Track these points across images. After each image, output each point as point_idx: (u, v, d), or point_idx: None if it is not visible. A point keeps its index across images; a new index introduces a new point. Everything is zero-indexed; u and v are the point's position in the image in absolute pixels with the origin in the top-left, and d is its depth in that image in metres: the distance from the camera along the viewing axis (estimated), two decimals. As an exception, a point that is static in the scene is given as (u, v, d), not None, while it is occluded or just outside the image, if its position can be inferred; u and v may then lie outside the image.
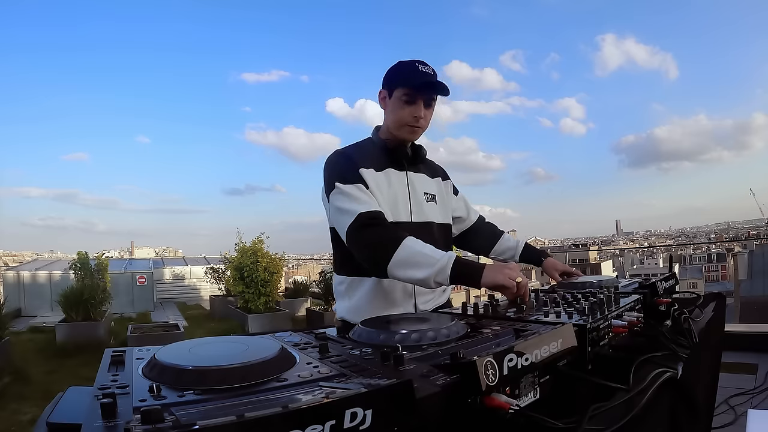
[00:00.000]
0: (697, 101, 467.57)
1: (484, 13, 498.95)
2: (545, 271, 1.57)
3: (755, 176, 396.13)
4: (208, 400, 0.43)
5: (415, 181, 1.43)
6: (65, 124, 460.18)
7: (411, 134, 1.37)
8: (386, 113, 1.39)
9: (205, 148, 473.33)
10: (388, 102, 1.37)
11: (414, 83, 1.30)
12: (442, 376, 0.50)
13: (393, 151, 1.39)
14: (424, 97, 1.33)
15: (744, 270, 15.32)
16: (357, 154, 1.35)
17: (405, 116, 1.33)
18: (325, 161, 1.36)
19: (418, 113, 1.32)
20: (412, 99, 1.31)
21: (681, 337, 0.96)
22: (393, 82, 1.34)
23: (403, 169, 1.41)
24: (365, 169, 1.30)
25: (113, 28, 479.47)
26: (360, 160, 1.32)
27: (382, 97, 1.39)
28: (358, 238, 1.22)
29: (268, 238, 8.96)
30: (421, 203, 1.41)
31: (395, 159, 1.39)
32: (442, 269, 1.11)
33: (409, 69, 1.32)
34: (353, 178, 1.27)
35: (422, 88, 1.31)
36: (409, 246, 1.15)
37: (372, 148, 1.41)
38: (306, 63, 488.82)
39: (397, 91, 1.32)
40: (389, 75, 1.36)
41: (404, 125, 1.34)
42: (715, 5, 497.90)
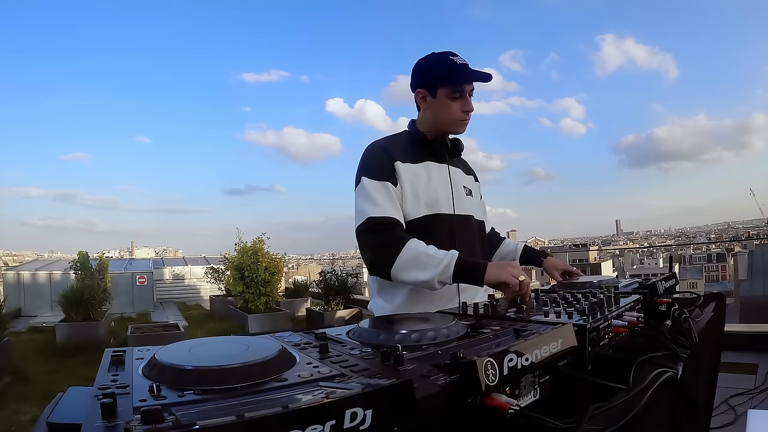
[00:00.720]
0: (696, 101, 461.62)
1: (483, 14, 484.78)
2: (546, 270, 1.57)
3: (755, 176, 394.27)
4: (208, 400, 0.43)
5: (455, 174, 1.41)
6: (65, 124, 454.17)
7: (462, 127, 1.36)
8: (428, 112, 1.36)
9: (205, 148, 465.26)
10: (429, 101, 1.34)
11: (458, 80, 1.29)
12: (442, 376, 0.50)
13: (432, 143, 1.36)
14: (470, 89, 1.31)
15: (744, 270, 15.32)
16: (394, 147, 1.32)
17: (455, 113, 1.31)
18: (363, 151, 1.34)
19: (468, 107, 1.31)
20: (458, 95, 1.30)
21: (681, 337, 0.96)
22: (434, 81, 1.31)
23: (444, 161, 1.39)
24: (401, 163, 1.28)
25: (113, 29, 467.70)
26: (396, 153, 1.29)
27: (422, 96, 1.35)
28: (362, 241, 1.22)
29: (269, 239, 8.96)
30: (462, 196, 1.39)
31: (435, 151, 1.37)
32: (446, 268, 1.11)
33: (449, 65, 1.29)
34: (382, 174, 1.25)
35: (466, 82, 1.30)
36: (412, 248, 1.14)
37: (409, 140, 1.38)
38: (306, 63, 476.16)
39: (442, 90, 1.30)
40: (427, 73, 1.33)
41: (456, 121, 1.33)
42: (715, 5, 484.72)
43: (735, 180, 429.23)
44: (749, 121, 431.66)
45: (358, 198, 1.25)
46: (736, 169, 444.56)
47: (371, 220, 1.20)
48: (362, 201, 1.23)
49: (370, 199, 1.22)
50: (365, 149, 1.34)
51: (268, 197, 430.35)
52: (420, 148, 1.36)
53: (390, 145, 1.33)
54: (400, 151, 1.31)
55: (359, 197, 1.25)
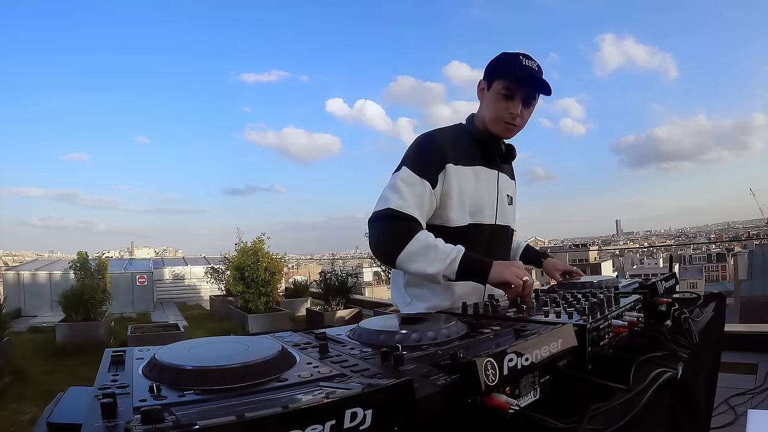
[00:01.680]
0: (696, 101, 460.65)
1: (483, 14, 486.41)
2: (546, 272, 1.56)
3: (755, 176, 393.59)
4: (208, 400, 0.43)
5: (503, 181, 1.38)
6: (65, 124, 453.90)
7: (505, 132, 1.30)
8: (482, 105, 1.33)
9: (205, 148, 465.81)
10: (485, 94, 1.30)
11: (514, 77, 1.23)
12: (442, 376, 0.50)
13: (487, 146, 1.32)
14: (524, 94, 1.25)
15: (744, 270, 15.32)
16: (449, 144, 1.27)
17: (501, 111, 1.26)
18: (416, 138, 1.29)
19: (515, 110, 1.25)
20: (510, 94, 1.24)
21: (681, 337, 0.96)
22: (493, 74, 1.27)
23: (495, 167, 1.35)
24: (453, 165, 1.24)
25: (113, 28, 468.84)
26: (451, 153, 1.25)
27: (481, 88, 1.32)
28: (374, 227, 1.20)
29: (269, 239, 8.96)
30: (505, 206, 1.37)
31: (488, 154, 1.33)
32: (451, 264, 1.10)
33: (512, 61, 1.24)
34: (425, 171, 1.21)
35: (522, 83, 1.24)
36: (421, 239, 1.13)
37: (465, 137, 1.33)
38: (305, 63, 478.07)
39: (497, 83, 1.25)
40: (491, 65, 1.29)
41: (499, 121, 1.27)
42: (715, 5, 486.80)
43: (735, 180, 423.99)
44: (749, 121, 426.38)
45: (390, 184, 1.21)
46: (736, 169, 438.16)
47: (390, 210, 1.16)
48: (391, 189, 1.20)
49: (399, 190, 1.18)
50: (420, 137, 1.29)
51: (268, 197, 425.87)
52: (475, 148, 1.32)
53: (447, 142, 1.27)
54: (455, 150, 1.27)
55: (392, 184, 1.21)
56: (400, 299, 1.34)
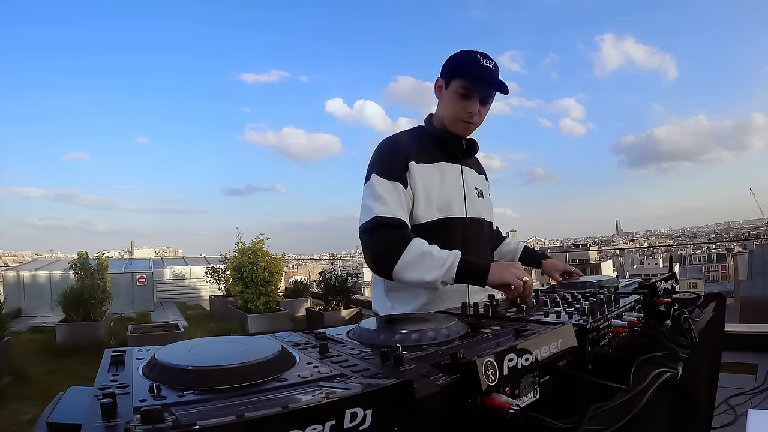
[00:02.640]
0: (696, 101, 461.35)
1: (483, 14, 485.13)
2: (545, 272, 1.56)
3: (755, 176, 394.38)
4: (208, 400, 0.43)
5: (468, 175, 1.39)
6: (65, 124, 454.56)
7: (464, 130, 1.33)
8: (440, 104, 1.34)
9: (205, 148, 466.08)
10: (443, 92, 1.32)
11: (472, 77, 1.25)
12: (442, 376, 0.50)
13: (447, 142, 1.34)
14: (482, 93, 1.27)
15: (744, 270, 15.32)
16: (409, 145, 1.29)
17: (459, 110, 1.28)
18: (377, 146, 1.31)
19: (472, 109, 1.27)
20: (468, 93, 1.26)
21: (681, 337, 0.96)
22: (451, 73, 1.28)
23: (457, 162, 1.36)
24: (415, 163, 1.25)
25: (113, 28, 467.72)
26: (411, 152, 1.26)
27: (439, 86, 1.33)
28: (366, 240, 1.20)
29: (268, 239, 8.96)
30: (474, 198, 1.38)
31: (448, 151, 1.35)
32: (449, 269, 1.10)
33: (470, 61, 1.25)
34: (393, 174, 1.22)
35: (480, 83, 1.26)
36: (416, 247, 1.13)
37: (425, 137, 1.35)
38: (305, 63, 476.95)
39: (455, 82, 1.27)
40: (448, 64, 1.30)
41: (458, 120, 1.29)
42: (715, 4, 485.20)
43: (735, 180, 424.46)
44: (749, 121, 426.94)
45: (367, 195, 1.22)
46: (736, 169, 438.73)
47: (378, 220, 1.17)
48: (370, 199, 1.20)
49: (378, 197, 1.20)
50: (380, 144, 1.31)
51: (268, 197, 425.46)
52: (435, 146, 1.33)
53: (406, 143, 1.30)
54: (415, 149, 1.28)
55: (367, 194, 1.22)
56: (380, 304, 1.35)
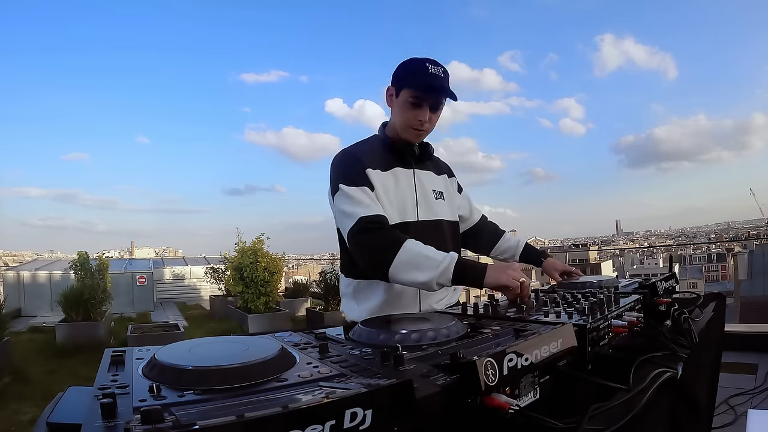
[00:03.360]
0: (696, 101, 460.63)
1: (482, 14, 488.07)
2: (545, 272, 1.56)
3: (755, 176, 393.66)
4: (208, 400, 0.43)
5: (423, 178, 1.41)
6: (65, 124, 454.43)
7: (415, 137, 1.35)
8: (393, 111, 1.36)
9: (205, 148, 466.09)
10: (394, 100, 1.34)
11: (420, 86, 1.27)
12: (442, 376, 0.50)
13: (400, 149, 1.36)
14: (431, 101, 1.29)
15: (744, 270, 15.31)
16: (363, 154, 1.32)
17: (410, 119, 1.30)
18: (331, 161, 1.33)
19: (423, 117, 1.29)
20: (418, 102, 1.28)
21: (681, 337, 0.96)
22: (401, 81, 1.30)
23: (411, 167, 1.39)
24: (372, 170, 1.28)
25: (112, 28, 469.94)
26: (366, 160, 1.29)
27: (390, 94, 1.35)
28: (358, 243, 1.21)
29: (269, 239, 8.95)
30: (430, 201, 1.39)
31: (402, 158, 1.37)
32: (445, 271, 1.10)
33: (419, 69, 1.27)
34: (358, 180, 1.25)
35: (429, 91, 1.28)
36: (410, 248, 1.14)
37: (379, 146, 1.38)
38: (305, 63, 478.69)
39: (404, 92, 1.29)
40: (398, 72, 1.32)
41: (409, 128, 1.32)
42: (715, 4, 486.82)
43: (735, 180, 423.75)
44: (749, 121, 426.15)
45: (342, 204, 1.24)
46: (736, 169, 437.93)
47: (363, 220, 1.18)
48: (348, 205, 1.22)
49: (356, 202, 1.22)
50: (335, 157, 1.33)
51: (268, 197, 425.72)
52: (389, 154, 1.36)
53: (360, 152, 1.33)
54: (370, 158, 1.31)
55: (343, 203, 1.24)
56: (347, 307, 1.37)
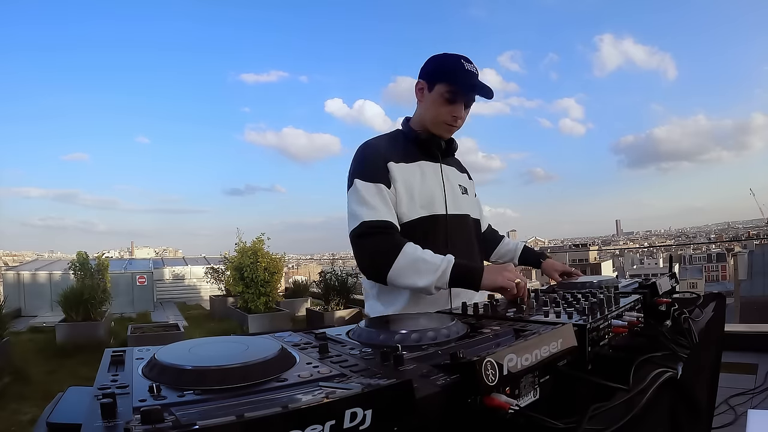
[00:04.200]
0: (696, 101, 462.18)
1: (482, 14, 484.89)
2: (545, 272, 1.57)
3: (755, 176, 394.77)
4: (208, 400, 0.43)
5: (449, 173, 1.39)
6: (65, 124, 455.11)
7: (447, 132, 1.34)
8: (422, 105, 1.34)
9: (205, 148, 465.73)
10: (426, 95, 1.32)
11: (459, 83, 1.26)
12: (442, 376, 0.50)
13: (425, 142, 1.34)
14: (466, 98, 1.29)
15: (744, 270, 15.32)
16: (386, 147, 1.30)
17: (444, 114, 1.29)
18: (354, 152, 1.31)
19: (458, 113, 1.28)
20: (453, 98, 1.27)
21: (681, 337, 0.96)
22: (436, 76, 1.29)
23: (437, 160, 1.37)
24: (394, 163, 1.26)
25: (112, 28, 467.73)
26: (389, 153, 1.27)
27: (420, 88, 1.33)
28: (358, 246, 1.21)
29: (269, 239, 8.95)
30: (457, 195, 1.38)
31: (428, 151, 1.35)
32: (443, 274, 1.11)
33: (455, 66, 1.26)
34: (375, 176, 1.23)
35: (468, 89, 1.27)
36: (409, 253, 1.13)
37: (403, 139, 1.36)
38: (304, 63, 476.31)
39: (440, 86, 1.27)
40: (432, 67, 1.30)
41: (441, 123, 1.30)
42: (714, 4, 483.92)
43: (735, 180, 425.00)
44: (749, 121, 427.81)
45: (352, 201, 1.23)
46: (736, 169, 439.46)
47: (366, 224, 1.18)
48: (356, 204, 1.21)
49: (363, 202, 1.20)
50: (357, 149, 1.32)
51: (268, 197, 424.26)
52: (413, 147, 1.34)
53: (383, 145, 1.31)
54: (394, 150, 1.29)
55: (352, 200, 1.23)
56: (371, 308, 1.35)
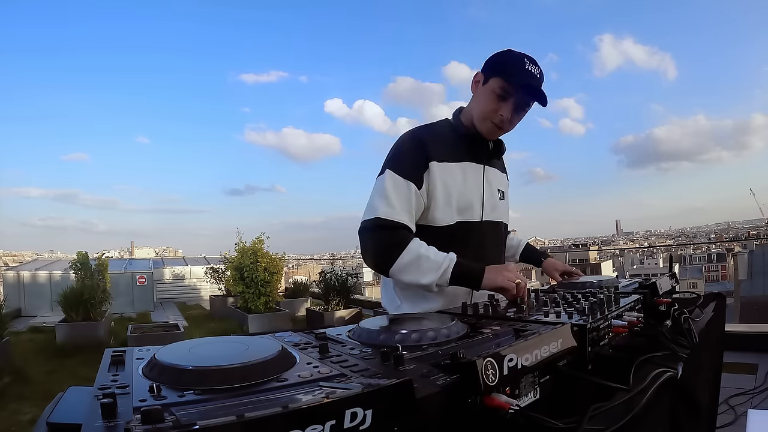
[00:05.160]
0: (696, 101, 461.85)
1: (482, 14, 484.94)
2: (545, 272, 1.57)
3: (755, 176, 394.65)
4: (208, 400, 0.43)
5: (491, 177, 1.34)
6: (65, 124, 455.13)
7: (489, 132, 1.27)
8: (474, 99, 1.28)
9: (205, 148, 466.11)
10: (480, 88, 1.25)
11: (513, 79, 1.18)
12: (442, 376, 0.50)
13: (474, 142, 1.29)
14: (519, 99, 1.21)
15: (744, 270, 15.31)
16: (434, 142, 1.23)
17: (491, 111, 1.22)
18: (398, 138, 1.26)
19: (505, 112, 1.20)
20: (504, 95, 1.20)
21: (681, 337, 0.96)
22: (493, 70, 1.22)
23: (481, 162, 1.31)
24: (437, 162, 1.20)
25: (112, 28, 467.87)
26: (435, 151, 1.21)
27: (476, 80, 1.27)
28: (365, 238, 1.19)
29: (269, 239, 8.95)
30: (495, 201, 1.33)
31: (474, 151, 1.29)
32: (444, 273, 1.11)
33: (516, 62, 1.19)
34: (410, 173, 1.18)
35: (520, 87, 1.19)
36: (413, 250, 1.13)
37: (450, 134, 1.29)
38: (304, 63, 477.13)
39: (494, 80, 1.21)
40: (492, 60, 1.24)
41: (487, 120, 1.24)
42: (714, 4, 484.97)
43: (735, 180, 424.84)
44: (748, 121, 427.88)
45: (376, 190, 1.19)
46: (735, 169, 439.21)
47: (379, 221, 1.15)
48: (378, 195, 1.18)
49: (385, 196, 1.16)
50: (401, 137, 1.26)
51: (268, 197, 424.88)
52: (461, 144, 1.28)
53: (430, 139, 1.24)
54: (439, 147, 1.23)
55: (377, 189, 1.19)
56: (389, 302, 1.33)
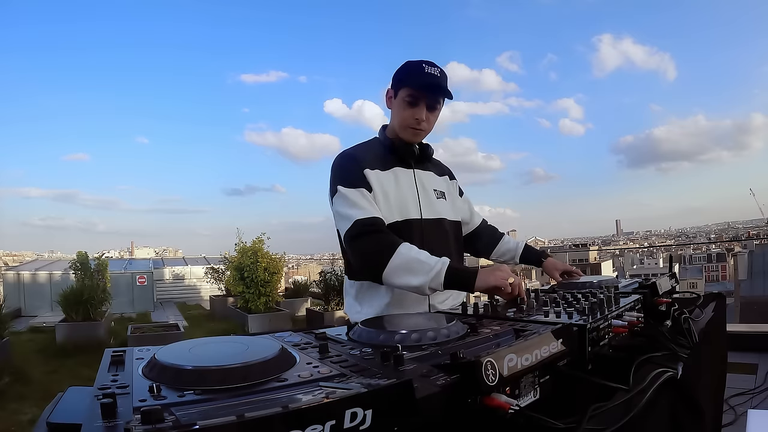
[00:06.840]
0: (695, 101, 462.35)
1: (481, 14, 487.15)
2: (546, 272, 1.57)
3: (755, 176, 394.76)
4: (208, 400, 0.43)
5: (423, 178, 1.43)
6: (65, 124, 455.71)
7: (413, 136, 1.37)
8: (392, 113, 1.39)
9: (205, 148, 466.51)
10: (393, 101, 1.37)
11: (417, 84, 1.30)
12: (442, 376, 0.50)
13: (399, 150, 1.38)
14: (427, 100, 1.32)
15: (744, 270, 15.32)
16: (362, 155, 1.34)
17: (407, 117, 1.32)
18: (332, 163, 1.35)
19: (419, 115, 1.31)
20: (414, 101, 1.31)
21: (681, 337, 0.96)
22: (399, 82, 1.34)
23: (410, 167, 1.41)
24: (370, 170, 1.30)
25: (112, 28, 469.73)
26: (365, 161, 1.31)
27: (389, 96, 1.38)
28: (353, 246, 1.23)
29: (269, 239, 8.95)
30: (431, 200, 1.41)
31: (402, 158, 1.39)
32: (436, 275, 1.12)
33: (415, 69, 1.31)
34: (356, 182, 1.27)
35: (423, 89, 1.30)
36: (404, 253, 1.15)
37: (379, 147, 1.40)
38: (303, 64, 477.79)
39: (402, 91, 1.32)
40: (396, 74, 1.35)
41: (407, 127, 1.34)
42: (714, 4, 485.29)
43: (735, 180, 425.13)
44: (748, 121, 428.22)
45: (340, 205, 1.26)
46: (735, 169, 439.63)
47: (359, 222, 1.21)
48: (345, 207, 1.25)
49: (352, 204, 1.24)
50: (334, 160, 1.35)
51: (268, 197, 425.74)
52: (389, 154, 1.38)
53: (358, 154, 1.35)
54: (369, 158, 1.33)
55: (340, 204, 1.26)
56: (351, 309, 1.38)
